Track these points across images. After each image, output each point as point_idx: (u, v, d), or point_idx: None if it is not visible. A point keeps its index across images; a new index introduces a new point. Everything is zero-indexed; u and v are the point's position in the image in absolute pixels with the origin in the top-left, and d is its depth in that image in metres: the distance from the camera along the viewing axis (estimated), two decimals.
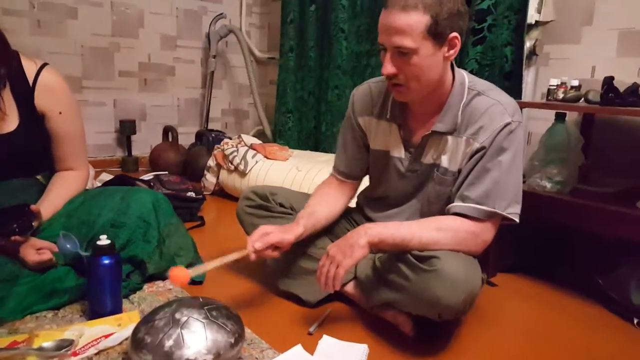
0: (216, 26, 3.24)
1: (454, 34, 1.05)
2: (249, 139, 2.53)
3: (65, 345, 0.99)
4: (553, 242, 1.78)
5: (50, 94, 1.29)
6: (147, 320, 0.96)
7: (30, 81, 1.27)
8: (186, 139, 3.18)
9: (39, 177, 1.37)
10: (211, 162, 2.49)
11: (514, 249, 1.65)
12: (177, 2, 3.19)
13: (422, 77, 1.08)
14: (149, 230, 1.31)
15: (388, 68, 1.07)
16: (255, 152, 2.37)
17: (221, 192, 2.56)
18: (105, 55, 2.94)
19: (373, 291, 1.22)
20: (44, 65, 1.30)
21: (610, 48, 1.78)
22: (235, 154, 2.36)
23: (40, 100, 1.28)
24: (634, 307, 1.35)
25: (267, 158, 2.35)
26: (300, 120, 3.02)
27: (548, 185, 1.53)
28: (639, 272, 1.37)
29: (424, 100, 1.17)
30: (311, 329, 1.19)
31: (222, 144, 2.49)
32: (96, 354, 1.00)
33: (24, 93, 1.27)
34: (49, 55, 2.61)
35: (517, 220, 1.14)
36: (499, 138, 1.10)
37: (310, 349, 1.08)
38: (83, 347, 1.01)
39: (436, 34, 1.03)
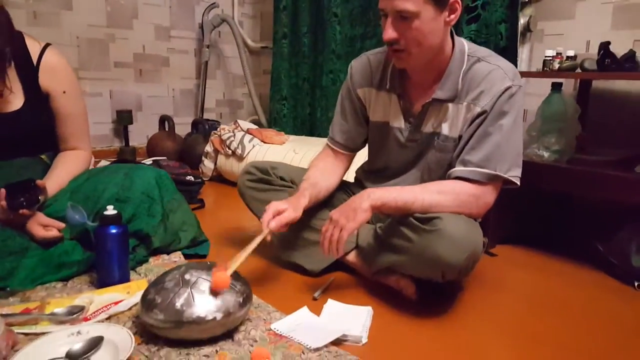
0: (209, 16, 3.24)
1: None
2: (246, 124, 2.55)
3: (76, 311, 1.01)
4: (551, 213, 1.82)
5: (54, 73, 1.32)
6: (157, 283, 0.98)
7: (35, 61, 1.29)
8: (182, 129, 3.19)
9: (43, 156, 1.39)
10: (208, 148, 2.51)
11: (513, 220, 1.68)
12: None
13: (424, 42, 1.09)
14: (153, 205, 1.33)
15: (389, 33, 1.08)
16: (252, 136, 2.39)
17: (219, 178, 2.58)
18: (101, 46, 2.94)
19: (376, 257, 1.24)
20: (47, 45, 1.33)
21: (604, 22, 1.80)
22: (232, 138, 2.38)
23: (45, 79, 1.31)
24: (634, 270, 1.38)
25: (264, 142, 2.37)
26: (295, 107, 3.03)
27: (546, 154, 1.56)
28: (638, 235, 1.40)
29: (424, 68, 1.18)
30: (316, 294, 1.22)
31: (219, 129, 2.51)
32: (107, 318, 1.02)
33: (29, 72, 1.29)
34: None
35: (518, 183, 1.16)
36: (500, 102, 1.11)
37: (316, 312, 1.11)
38: (93, 313, 1.03)
39: None
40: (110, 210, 1.13)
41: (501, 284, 1.39)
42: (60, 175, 1.32)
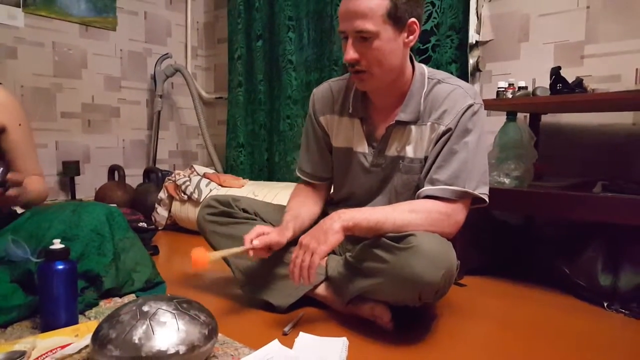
0: (162, 66, 3.24)
1: (413, 19, 1.10)
2: (202, 169, 2.49)
3: (15, 357, 0.89)
4: (515, 241, 1.84)
5: (8, 107, 1.33)
6: (110, 317, 0.89)
7: None
8: (133, 180, 3.07)
9: None
10: (162, 195, 2.41)
11: (478, 252, 1.69)
12: (121, 44, 3.17)
13: (384, 61, 1.11)
14: (104, 243, 1.24)
15: (350, 54, 1.09)
16: (209, 180, 2.32)
17: (174, 227, 2.47)
18: (47, 96, 2.83)
19: (347, 285, 1.19)
20: None
21: (547, 60, 1.93)
22: (188, 183, 2.30)
23: (0, 115, 1.30)
24: (602, 290, 1.38)
25: (222, 186, 2.31)
26: (252, 154, 3.01)
27: (507, 181, 1.60)
28: (603, 254, 1.42)
29: (386, 91, 1.20)
30: (286, 329, 1.14)
31: (173, 175, 2.43)
32: None
33: None
34: None
35: (487, 200, 1.16)
36: (464, 119, 1.13)
37: (288, 346, 1.03)
38: (36, 358, 0.90)
39: (396, 18, 1.07)
40: (57, 245, 1.03)
41: (473, 311, 1.36)
42: (26, 185, 1.26)
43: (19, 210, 1.39)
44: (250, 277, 1.32)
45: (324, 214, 1.43)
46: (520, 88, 1.67)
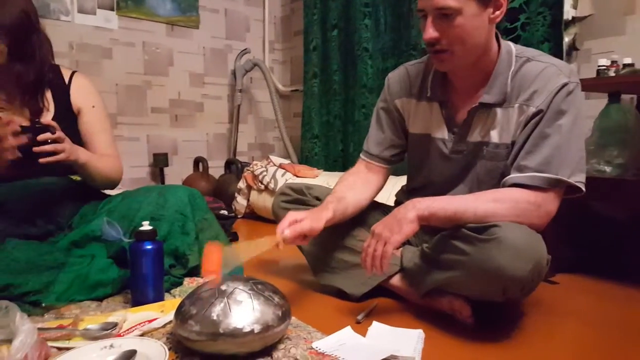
0: (241, 61, 3.35)
1: None
2: (278, 160, 2.55)
3: (109, 327, 0.97)
4: (617, 236, 1.67)
5: (83, 90, 1.44)
6: (191, 295, 0.93)
7: (66, 82, 1.42)
8: (216, 171, 3.22)
9: (73, 177, 1.41)
10: (241, 184, 2.50)
11: (574, 247, 1.54)
12: (204, 42, 3.32)
13: (467, 39, 1.03)
14: (186, 222, 1.32)
15: (430, 32, 1.03)
16: (284, 171, 2.37)
17: (252, 215, 2.55)
18: (138, 93, 3.04)
19: (424, 277, 1.14)
20: (74, 72, 1.47)
21: None
22: (264, 173, 2.37)
23: (76, 96, 1.42)
24: None
25: (297, 176, 2.34)
26: (327, 145, 3.03)
27: (607, 169, 1.44)
28: None
29: (468, 71, 1.12)
30: (359, 317, 1.12)
31: (251, 165, 2.51)
32: (140, 335, 0.96)
33: (62, 94, 1.39)
34: None
35: (584, 189, 1.05)
36: (557, 99, 1.03)
37: (361, 334, 1.02)
38: (127, 330, 0.98)
39: None
40: (146, 226, 1.10)
41: (565, 311, 1.25)
42: (93, 155, 1.36)
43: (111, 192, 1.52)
44: (323, 264, 1.32)
45: (398, 204, 1.40)
46: (625, 65, 1.48)
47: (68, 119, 1.40)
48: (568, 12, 1.88)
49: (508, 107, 1.09)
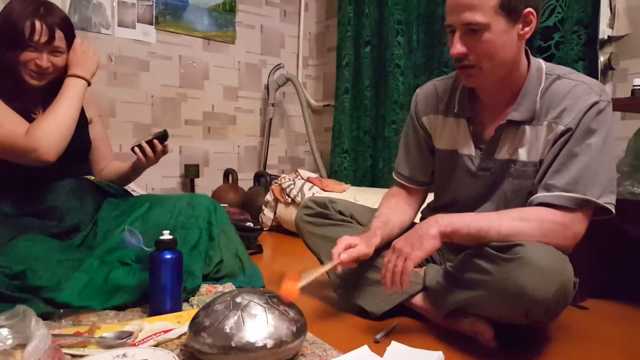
0: (274, 76, 3.39)
1: (529, 9, 1.00)
2: (306, 173, 2.54)
3: (124, 336, 0.97)
4: None
5: (90, 100, 1.51)
6: (207, 306, 0.92)
7: None
8: (245, 183, 3.25)
9: (91, 177, 1.49)
10: (269, 197, 2.51)
11: (606, 271, 1.48)
12: (239, 57, 3.39)
13: (495, 55, 1.01)
14: (212, 229, 1.39)
15: (457, 47, 1.01)
16: (312, 184, 2.36)
17: (278, 228, 2.55)
18: (173, 105, 3.12)
19: (446, 296, 1.10)
20: None
21: None
22: (292, 186, 2.37)
23: (87, 107, 1.48)
24: None
25: (324, 190, 2.33)
26: (356, 160, 3.01)
27: None
28: None
29: (496, 87, 1.10)
30: (378, 336, 1.09)
31: (279, 178, 2.52)
32: (154, 345, 0.96)
33: None
34: (123, 104, 2.83)
35: (614, 211, 1.01)
36: (587, 118, 0.99)
37: (379, 354, 0.98)
38: (142, 339, 0.98)
39: (509, 8, 0.98)
40: (166, 235, 1.11)
41: (594, 337, 1.18)
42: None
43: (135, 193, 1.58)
44: (344, 280, 1.29)
45: (423, 220, 1.37)
46: None
47: (83, 125, 1.46)
48: (604, 32, 1.83)
49: (537, 124, 1.06)
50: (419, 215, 1.42)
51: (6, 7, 1.26)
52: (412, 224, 1.33)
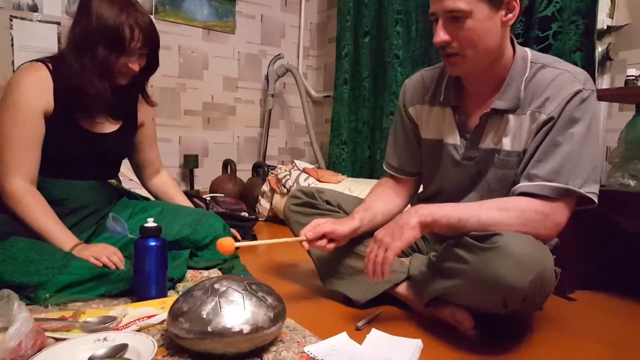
0: (274, 66, 3.38)
1: None
2: (302, 164, 2.55)
3: (108, 321, 0.98)
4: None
5: (147, 106, 1.56)
6: (186, 292, 0.93)
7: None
8: (244, 174, 3.26)
9: (111, 181, 1.50)
10: (265, 188, 2.52)
11: (595, 263, 1.48)
12: (239, 47, 3.39)
13: (479, 43, 1.01)
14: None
15: (440, 35, 1.01)
16: (307, 175, 2.37)
17: (275, 218, 2.56)
18: (173, 95, 3.13)
19: (427, 285, 1.12)
20: None
21: None
22: (288, 177, 2.38)
23: (142, 111, 1.53)
24: None
25: (320, 181, 2.34)
26: (355, 151, 3.01)
27: (632, 183, 1.37)
28: None
29: (481, 75, 1.09)
30: (359, 324, 1.10)
31: (276, 169, 2.52)
32: (137, 330, 0.98)
33: (132, 107, 1.51)
34: None
35: (596, 201, 1.01)
36: (569, 107, 0.99)
37: (358, 342, 0.99)
38: (125, 324, 0.99)
39: None
40: (151, 223, 1.12)
41: (580, 328, 1.19)
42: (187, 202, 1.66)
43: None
44: (330, 269, 1.31)
45: None
46: None
47: (132, 130, 1.52)
48: (603, 22, 1.80)
49: (521, 114, 1.06)
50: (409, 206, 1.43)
51: (93, 6, 1.25)
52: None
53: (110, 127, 1.44)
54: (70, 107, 1.32)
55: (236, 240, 1.46)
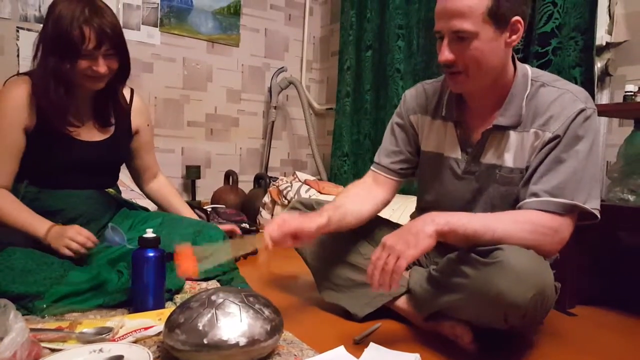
0: (277, 79, 3.41)
1: (517, 17, 1.00)
2: (304, 176, 2.56)
3: (104, 332, 0.98)
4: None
5: (142, 112, 1.56)
6: (184, 303, 0.93)
7: (127, 101, 1.50)
8: (246, 185, 3.27)
9: (110, 190, 1.50)
10: (266, 199, 2.53)
11: (596, 278, 1.47)
12: (243, 59, 3.42)
13: (483, 62, 1.02)
14: None
15: (445, 54, 1.02)
16: (309, 187, 2.37)
17: None
18: (176, 106, 3.16)
19: (427, 299, 1.11)
20: (132, 90, 1.54)
21: None
22: (289, 188, 2.38)
23: (136, 118, 1.51)
24: None
25: (321, 193, 2.34)
26: (356, 163, 3.02)
27: (631, 198, 1.38)
28: None
29: (483, 93, 1.10)
30: (357, 338, 1.10)
31: (277, 180, 2.53)
32: (133, 341, 0.97)
33: (124, 113, 1.49)
34: None
35: (598, 217, 1.01)
36: (574, 126, 1.00)
37: (355, 356, 0.98)
38: (121, 336, 0.99)
39: (497, 17, 0.98)
40: (149, 234, 1.12)
41: (580, 344, 1.18)
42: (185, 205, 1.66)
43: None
44: (328, 281, 1.30)
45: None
46: None
47: (125, 138, 1.51)
48: (602, 38, 1.82)
49: (523, 131, 1.07)
50: (404, 218, 1.43)
51: (55, 11, 1.24)
52: (378, 218, 1.33)
53: (99, 135, 1.43)
54: (46, 117, 1.31)
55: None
